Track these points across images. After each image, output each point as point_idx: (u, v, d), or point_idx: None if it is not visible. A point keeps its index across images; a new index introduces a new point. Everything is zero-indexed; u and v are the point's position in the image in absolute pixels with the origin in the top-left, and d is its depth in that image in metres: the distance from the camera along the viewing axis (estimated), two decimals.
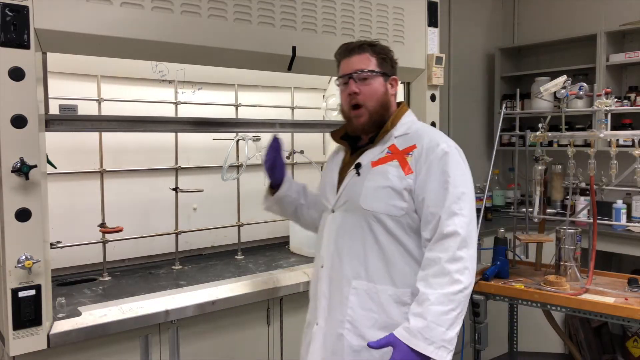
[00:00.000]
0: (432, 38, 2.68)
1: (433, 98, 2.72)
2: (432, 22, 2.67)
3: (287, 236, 2.96)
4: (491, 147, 4.48)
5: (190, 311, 2.02)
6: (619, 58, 3.89)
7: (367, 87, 1.64)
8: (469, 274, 1.51)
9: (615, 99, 3.58)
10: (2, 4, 1.59)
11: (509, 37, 4.77)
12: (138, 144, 2.59)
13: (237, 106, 2.82)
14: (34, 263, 1.64)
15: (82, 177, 2.44)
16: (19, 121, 1.63)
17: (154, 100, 2.58)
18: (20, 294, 1.65)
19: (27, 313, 1.66)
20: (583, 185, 2.60)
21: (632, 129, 3.72)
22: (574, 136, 2.56)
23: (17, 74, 1.62)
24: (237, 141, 2.71)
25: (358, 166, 1.67)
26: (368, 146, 1.70)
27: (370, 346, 1.50)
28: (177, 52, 1.99)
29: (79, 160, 2.43)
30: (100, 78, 2.42)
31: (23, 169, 1.61)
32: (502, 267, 2.45)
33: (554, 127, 3.03)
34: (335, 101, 3.15)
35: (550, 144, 3.79)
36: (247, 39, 2.08)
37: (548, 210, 3.04)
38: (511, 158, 4.59)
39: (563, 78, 2.49)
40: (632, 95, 3.79)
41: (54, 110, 1.92)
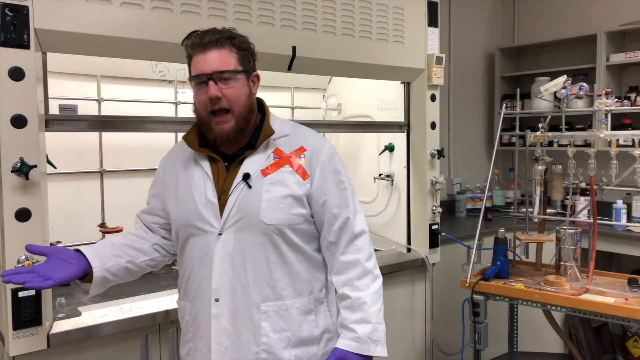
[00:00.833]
0: (432, 38, 2.68)
1: (433, 98, 2.72)
2: (432, 22, 2.67)
3: None
4: (491, 147, 4.48)
5: None
6: (619, 58, 3.89)
7: (230, 89, 1.42)
8: (378, 267, 1.56)
9: (616, 99, 3.58)
10: (2, 4, 1.59)
11: (509, 37, 4.77)
12: (138, 144, 2.59)
13: None
14: (33, 263, 1.64)
15: (82, 177, 2.44)
16: (19, 121, 1.63)
17: (154, 100, 2.58)
18: (20, 294, 1.65)
19: (27, 313, 1.66)
20: (583, 185, 2.60)
21: (632, 129, 3.72)
22: (574, 136, 2.56)
23: (17, 74, 1.62)
24: None
25: (247, 177, 1.46)
26: (247, 153, 1.50)
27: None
28: (177, 52, 1.98)
29: (79, 160, 2.42)
30: (100, 78, 2.42)
31: (23, 169, 1.61)
32: (502, 267, 2.46)
33: (554, 127, 3.03)
34: (335, 101, 3.15)
35: (550, 144, 3.79)
36: None
37: (548, 210, 3.03)
38: (511, 158, 4.58)
39: (563, 78, 2.49)
40: (632, 95, 3.79)
41: (54, 110, 1.92)
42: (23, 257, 1.63)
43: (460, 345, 2.62)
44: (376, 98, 2.93)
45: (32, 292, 1.67)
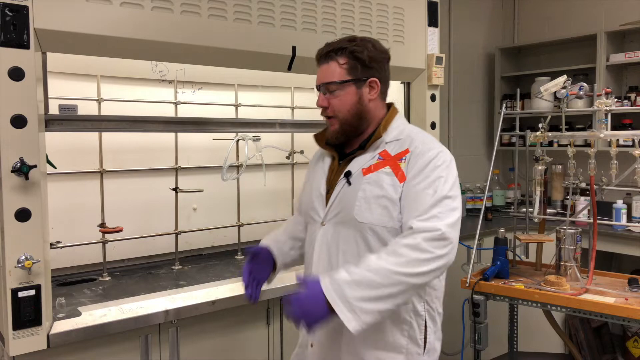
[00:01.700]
0: (432, 38, 2.68)
1: (433, 98, 2.72)
2: (432, 22, 2.67)
3: None
4: (491, 147, 4.48)
5: (190, 311, 2.02)
6: (619, 58, 3.89)
7: (335, 99, 1.55)
8: (422, 266, 1.36)
9: (616, 99, 3.59)
10: (2, 4, 1.59)
11: (509, 37, 4.77)
12: (138, 144, 2.59)
13: (237, 106, 2.82)
14: (33, 263, 1.64)
15: (82, 177, 2.44)
16: (19, 121, 1.63)
17: (154, 100, 2.58)
18: (20, 294, 1.65)
19: (27, 313, 1.66)
20: (583, 185, 2.60)
21: (632, 129, 3.72)
22: (574, 136, 2.56)
23: (17, 74, 1.62)
24: (237, 141, 2.71)
25: (348, 174, 1.56)
26: (357, 152, 1.59)
27: (297, 279, 1.41)
28: (177, 52, 1.99)
29: (79, 160, 2.42)
30: (100, 78, 2.42)
31: (23, 169, 1.61)
32: (502, 267, 2.45)
33: (554, 127, 3.03)
34: None
35: (550, 144, 3.79)
36: (247, 39, 2.08)
37: (548, 210, 3.03)
38: (511, 158, 4.59)
39: (563, 78, 2.49)
40: (632, 95, 3.79)
41: (54, 110, 1.92)
42: (23, 257, 1.64)
43: (460, 345, 2.62)
44: None
45: (32, 292, 1.67)
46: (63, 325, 1.78)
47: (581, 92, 2.48)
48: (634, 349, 3.61)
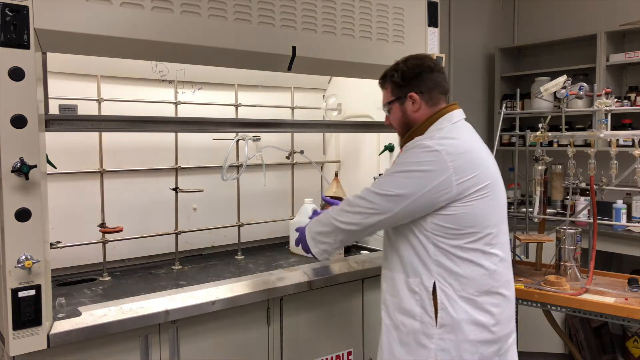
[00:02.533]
0: (432, 38, 2.68)
1: None
2: (432, 22, 2.67)
3: (287, 236, 2.96)
4: (491, 147, 4.46)
5: (190, 311, 2.02)
6: (619, 58, 3.89)
7: (391, 116, 1.91)
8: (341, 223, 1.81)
9: (615, 99, 3.58)
10: (2, 4, 1.59)
11: (509, 37, 4.77)
12: (138, 144, 2.59)
13: (237, 106, 2.82)
14: (33, 263, 1.64)
15: (82, 177, 2.44)
16: (19, 121, 1.63)
17: (154, 100, 2.58)
18: (20, 294, 1.65)
19: (27, 313, 1.66)
20: (583, 185, 2.60)
21: (632, 129, 3.73)
22: (574, 136, 2.56)
23: (17, 74, 1.62)
24: (237, 141, 2.71)
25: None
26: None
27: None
28: (177, 52, 1.99)
29: (79, 160, 2.42)
30: (100, 78, 2.42)
31: (23, 169, 1.61)
32: None
33: (554, 127, 3.03)
34: (336, 101, 3.15)
35: (550, 144, 3.79)
36: (247, 39, 2.08)
37: (548, 210, 3.04)
38: (511, 158, 4.58)
39: (563, 78, 2.49)
40: (632, 95, 3.79)
41: (54, 110, 1.92)
42: (23, 257, 1.64)
43: None
44: (376, 98, 2.91)
45: (32, 292, 1.67)
46: (63, 325, 1.78)
47: (581, 92, 2.48)
48: (634, 349, 3.61)
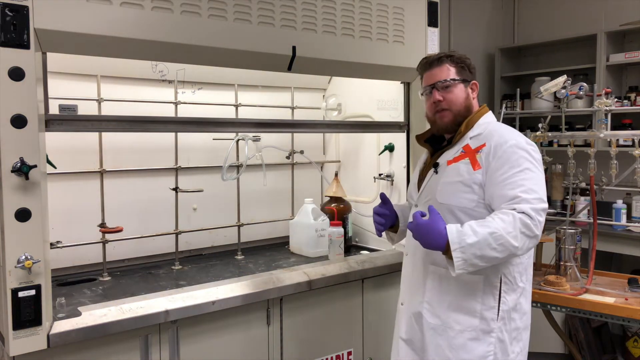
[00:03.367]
0: (432, 38, 2.68)
1: None
2: (432, 22, 2.67)
3: (287, 236, 2.96)
4: None
5: (190, 311, 2.02)
6: (619, 58, 3.89)
7: (449, 94, 1.84)
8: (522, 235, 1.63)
9: (615, 99, 3.58)
10: (2, 4, 1.59)
11: (509, 37, 4.77)
12: (138, 144, 2.59)
13: (237, 106, 2.82)
14: (34, 263, 1.64)
15: (82, 177, 2.44)
16: (19, 121, 1.63)
17: (154, 100, 2.58)
18: (20, 294, 1.65)
19: (27, 313, 1.66)
20: (583, 185, 2.60)
21: (632, 129, 3.72)
22: (574, 136, 2.56)
23: (17, 74, 1.62)
24: (237, 141, 2.71)
25: (436, 165, 1.87)
26: (446, 147, 1.89)
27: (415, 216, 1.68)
28: (177, 52, 1.99)
29: (79, 160, 2.43)
30: (100, 78, 2.42)
31: (23, 169, 1.61)
32: None
33: (554, 127, 3.03)
34: (336, 101, 3.15)
35: (550, 144, 3.79)
36: (247, 39, 2.08)
37: (548, 210, 3.03)
38: None
39: (563, 78, 2.49)
40: (632, 95, 3.79)
41: (54, 110, 1.92)
42: (23, 257, 1.64)
43: None
44: (376, 98, 2.93)
45: (32, 292, 1.67)
46: (63, 325, 1.78)
47: (581, 92, 2.48)
48: (633, 349, 3.61)
